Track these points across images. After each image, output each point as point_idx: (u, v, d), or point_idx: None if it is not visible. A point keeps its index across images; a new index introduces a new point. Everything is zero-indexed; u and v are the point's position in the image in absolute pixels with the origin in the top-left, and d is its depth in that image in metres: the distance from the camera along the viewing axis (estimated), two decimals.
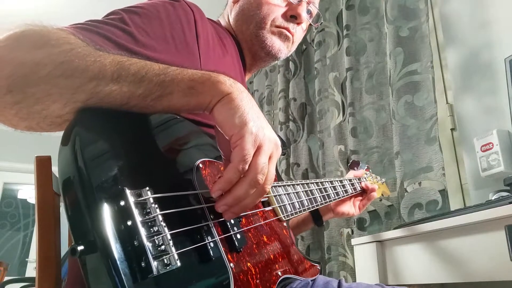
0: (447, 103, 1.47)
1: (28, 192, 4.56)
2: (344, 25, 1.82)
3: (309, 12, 0.89)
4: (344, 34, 1.81)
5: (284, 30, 0.85)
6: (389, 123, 1.56)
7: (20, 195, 4.61)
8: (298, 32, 0.88)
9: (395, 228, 1.08)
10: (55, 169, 0.54)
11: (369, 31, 1.77)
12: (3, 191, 4.52)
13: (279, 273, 0.58)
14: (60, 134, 0.45)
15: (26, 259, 4.35)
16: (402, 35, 1.52)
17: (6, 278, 2.57)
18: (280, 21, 0.84)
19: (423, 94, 1.41)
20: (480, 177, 1.21)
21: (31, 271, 4.15)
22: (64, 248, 0.64)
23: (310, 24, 0.94)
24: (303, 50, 2.23)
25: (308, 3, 0.87)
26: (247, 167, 0.46)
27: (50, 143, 0.45)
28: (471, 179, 1.31)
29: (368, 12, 1.80)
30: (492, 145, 1.16)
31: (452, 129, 1.44)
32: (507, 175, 1.08)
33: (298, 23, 0.86)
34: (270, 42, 0.84)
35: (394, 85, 1.48)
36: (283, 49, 0.87)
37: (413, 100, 1.43)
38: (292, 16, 0.84)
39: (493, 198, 1.00)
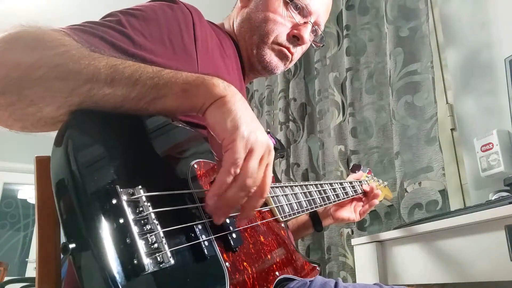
0: (447, 103, 1.47)
1: (28, 192, 4.57)
2: (344, 25, 1.82)
3: (314, 31, 0.88)
4: (344, 34, 1.81)
5: (284, 49, 0.84)
6: (389, 123, 1.56)
7: (20, 195, 4.61)
8: (298, 52, 0.88)
9: (395, 228, 1.08)
10: None
11: (369, 31, 1.77)
12: (3, 191, 4.52)
13: (277, 273, 0.58)
14: None
15: (26, 259, 4.35)
16: (402, 35, 1.52)
17: (6, 278, 2.57)
18: (282, 40, 0.83)
19: (423, 94, 1.41)
20: (480, 177, 1.21)
21: (31, 271, 4.15)
22: None
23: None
24: None
25: (313, 25, 0.86)
26: (238, 170, 0.46)
27: (50, 143, 0.45)
28: (471, 179, 1.31)
29: (368, 12, 1.79)
30: (492, 145, 1.16)
31: (452, 129, 1.44)
32: (507, 175, 1.08)
33: (300, 44, 0.85)
34: (268, 58, 0.84)
35: (394, 85, 1.48)
36: (280, 66, 0.87)
37: (413, 100, 1.43)
38: (295, 37, 0.84)
39: (493, 198, 1.00)
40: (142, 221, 0.41)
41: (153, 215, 0.42)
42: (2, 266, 2.52)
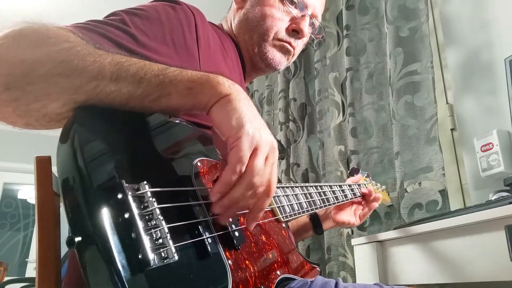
0: (447, 103, 1.47)
1: (28, 192, 4.57)
2: (344, 25, 1.82)
3: (312, 24, 0.89)
4: (344, 34, 1.81)
5: (286, 44, 0.85)
6: (389, 123, 1.56)
7: (20, 195, 4.61)
8: (299, 45, 0.88)
9: (395, 229, 1.08)
10: (55, 169, 0.54)
11: (369, 31, 1.77)
12: (3, 191, 4.52)
13: (278, 272, 0.58)
14: (59, 133, 0.45)
15: (26, 259, 4.35)
16: (402, 35, 1.52)
17: (6, 278, 2.57)
18: (283, 35, 0.84)
19: (423, 94, 1.41)
20: (480, 177, 1.21)
21: (31, 271, 4.15)
22: (64, 248, 0.64)
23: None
24: (303, 50, 2.23)
25: (311, 17, 0.87)
26: (244, 168, 0.46)
27: (50, 143, 0.45)
28: (471, 179, 1.31)
29: (368, 12, 1.80)
30: (492, 145, 1.16)
31: (452, 129, 1.44)
32: (507, 175, 1.08)
33: (300, 38, 0.86)
34: (271, 55, 0.84)
35: (394, 85, 1.48)
36: (283, 62, 0.87)
37: (413, 100, 1.43)
38: (294, 31, 0.84)
39: (493, 198, 1.00)
40: (147, 217, 0.42)
41: (158, 211, 0.42)
42: (2, 266, 2.52)
